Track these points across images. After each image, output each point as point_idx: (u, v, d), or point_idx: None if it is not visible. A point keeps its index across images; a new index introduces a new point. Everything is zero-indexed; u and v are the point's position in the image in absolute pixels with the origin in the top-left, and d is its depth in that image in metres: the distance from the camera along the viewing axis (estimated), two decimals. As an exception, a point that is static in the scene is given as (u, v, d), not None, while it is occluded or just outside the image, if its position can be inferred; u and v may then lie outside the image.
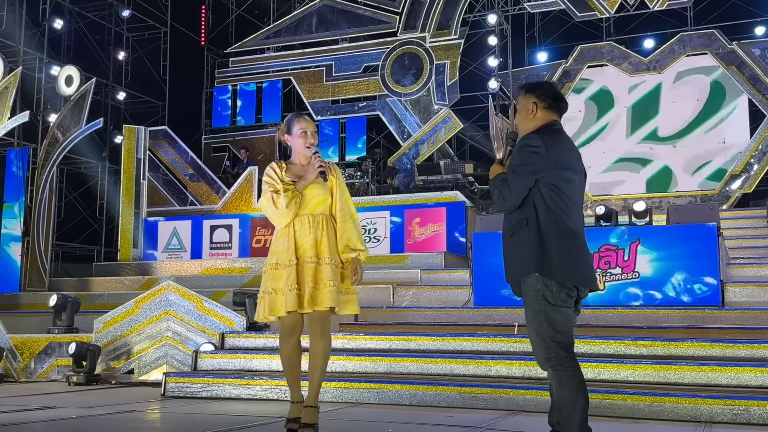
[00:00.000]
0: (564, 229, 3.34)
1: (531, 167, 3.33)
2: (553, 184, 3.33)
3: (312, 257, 3.99)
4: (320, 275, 3.97)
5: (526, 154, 3.35)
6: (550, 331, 3.29)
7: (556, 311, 3.29)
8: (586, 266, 3.42)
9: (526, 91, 3.54)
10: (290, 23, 16.72)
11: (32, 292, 11.49)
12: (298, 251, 4.00)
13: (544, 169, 3.32)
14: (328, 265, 3.98)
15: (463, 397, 5.55)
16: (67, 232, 15.29)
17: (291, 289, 3.92)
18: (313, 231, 4.02)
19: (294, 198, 4.05)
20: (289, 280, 3.94)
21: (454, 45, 15.24)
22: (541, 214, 3.33)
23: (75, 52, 15.43)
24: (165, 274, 11.28)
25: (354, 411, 5.38)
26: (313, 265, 3.98)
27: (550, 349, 3.29)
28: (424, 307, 8.44)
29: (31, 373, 7.94)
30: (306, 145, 4.17)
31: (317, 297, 3.94)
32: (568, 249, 3.32)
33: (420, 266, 9.82)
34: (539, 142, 3.35)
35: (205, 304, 7.58)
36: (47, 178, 12.41)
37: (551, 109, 3.47)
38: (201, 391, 6.25)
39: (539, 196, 3.34)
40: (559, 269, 3.30)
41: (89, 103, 12.85)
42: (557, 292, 3.27)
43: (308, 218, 4.06)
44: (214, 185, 13.44)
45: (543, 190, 3.33)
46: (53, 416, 5.18)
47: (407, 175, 14.78)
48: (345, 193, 4.21)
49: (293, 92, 16.77)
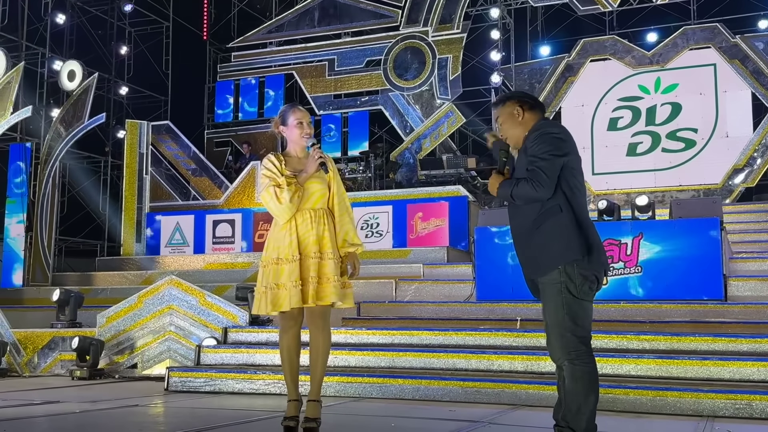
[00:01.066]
0: (588, 215, 3.33)
1: (559, 151, 3.27)
2: (573, 168, 3.31)
3: (315, 252, 3.97)
4: (324, 270, 3.96)
5: (550, 139, 3.29)
6: (572, 325, 3.22)
7: (579, 304, 3.23)
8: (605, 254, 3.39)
9: (504, 101, 3.53)
10: (292, 17, 16.70)
11: (36, 286, 11.52)
12: (301, 246, 3.98)
13: (569, 153, 3.29)
14: (331, 260, 3.98)
15: (466, 391, 5.55)
16: (70, 227, 15.32)
17: (295, 285, 3.91)
18: (315, 226, 4.01)
19: (297, 192, 4.01)
20: (292, 275, 3.92)
21: (457, 39, 15.20)
22: (572, 199, 3.28)
23: (77, 47, 15.44)
24: (168, 268, 11.30)
25: (357, 405, 5.39)
26: (316, 261, 3.97)
27: (570, 343, 3.22)
28: (426, 301, 8.44)
29: (34, 367, 7.97)
30: (303, 136, 4.13)
31: (321, 292, 3.94)
32: (597, 235, 3.31)
33: (422, 261, 9.82)
34: (558, 128, 3.35)
35: (208, 298, 7.59)
36: (50, 173, 12.42)
37: (536, 109, 3.46)
38: (204, 385, 6.27)
39: (565, 182, 3.28)
40: (597, 255, 3.25)
41: (92, 98, 12.85)
42: (581, 284, 3.21)
43: (310, 213, 4.03)
44: (217, 180, 13.46)
45: (568, 176, 3.28)
46: (57, 411, 5.20)
47: (410, 170, 14.77)
48: (341, 186, 4.20)
49: (296, 87, 16.75)
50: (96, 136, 14.66)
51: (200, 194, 13.37)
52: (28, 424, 4.71)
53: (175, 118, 15.54)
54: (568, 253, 3.22)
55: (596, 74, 14.64)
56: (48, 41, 14.56)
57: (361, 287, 8.80)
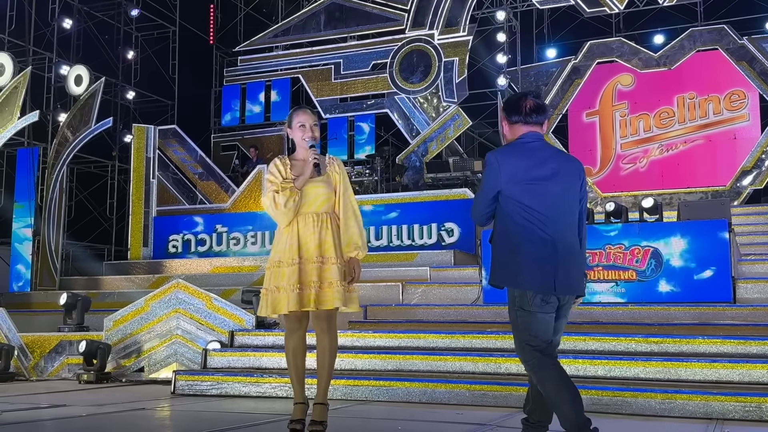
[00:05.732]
0: (524, 238, 3.38)
1: (483, 184, 3.49)
2: (512, 197, 3.40)
3: (317, 257, 3.96)
4: (326, 274, 3.94)
5: (485, 170, 3.51)
6: (525, 335, 3.39)
7: (531, 316, 3.37)
8: (552, 272, 3.37)
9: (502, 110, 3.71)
10: (298, 21, 16.72)
11: (43, 290, 11.54)
12: (302, 250, 3.97)
13: (498, 183, 3.41)
14: (334, 264, 3.96)
15: (473, 394, 5.53)
16: (78, 231, 15.36)
17: (293, 288, 3.91)
18: (317, 230, 3.99)
19: (292, 196, 3.99)
20: (291, 279, 3.93)
21: (463, 42, 15.20)
22: (503, 226, 3.44)
23: (84, 52, 15.48)
24: (175, 272, 11.30)
25: (363, 408, 5.38)
26: (317, 265, 3.95)
27: (526, 352, 3.40)
28: (433, 304, 8.42)
29: (41, 371, 7.98)
30: (304, 138, 4.10)
31: (323, 296, 3.92)
32: (527, 257, 3.37)
33: (429, 264, 9.80)
34: (493, 158, 3.48)
35: (215, 302, 7.59)
36: (57, 177, 12.45)
37: (519, 124, 3.52)
38: (211, 388, 6.26)
39: (501, 209, 3.44)
40: (514, 277, 3.40)
41: (99, 103, 12.89)
42: (532, 297, 3.36)
43: (312, 217, 4.02)
44: (224, 184, 13.46)
45: (503, 203, 3.43)
46: (64, 414, 5.20)
47: (416, 173, 14.75)
48: (348, 189, 4.15)
49: (302, 90, 16.77)
50: (103, 141, 14.70)
51: (207, 198, 13.37)
52: (35, 428, 4.71)
53: (182, 122, 15.56)
54: (494, 277, 3.51)
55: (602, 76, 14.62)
56: (55, 46, 14.61)
57: (367, 290, 8.79)
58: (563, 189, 3.44)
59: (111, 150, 15.90)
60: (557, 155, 3.51)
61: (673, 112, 14.14)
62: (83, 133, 12.79)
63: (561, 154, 3.55)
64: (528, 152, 3.44)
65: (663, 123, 14.22)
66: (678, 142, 14.12)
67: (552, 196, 3.40)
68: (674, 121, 14.13)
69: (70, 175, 14.06)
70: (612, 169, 14.42)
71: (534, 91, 4.30)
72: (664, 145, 14.18)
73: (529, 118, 3.50)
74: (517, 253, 3.38)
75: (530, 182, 3.39)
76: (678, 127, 14.13)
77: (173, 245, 12.68)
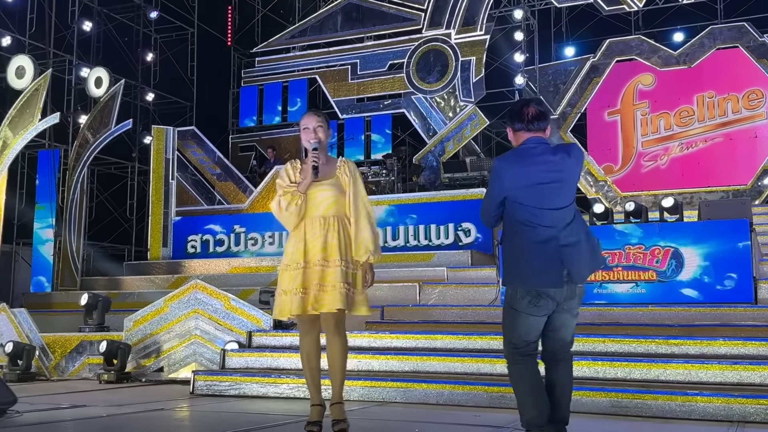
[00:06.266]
0: (529, 239, 3.54)
1: (489, 190, 3.73)
2: (517, 201, 3.57)
3: (320, 260, 3.96)
4: (327, 278, 3.93)
5: (490, 176, 3.74)
6: (509, 332, 3.62)
7: (518, 316, 3.56)
8: (558, 271, 3.50)
9: None
10: (315, 22, 16.75)
11: (64, 291, 11.65)
12: (307, 254, 3.98)
13: (503, 189, 3.60)
14: (338, 267, 3.94)
15: (491, 396, 5.50)
16: (98, 231, 15.50)
17: (296, 292, 3.93)
18: (323, 234, 3.98)
19: (294, 199, 4.00)
20: (295, 282, 3.95)
21: (480, 41, 15.15)
22: (509, 228, 3.63)
23: (104, 54, 15.62)
24: (194, 272, 11.37)
25: (381, 410, 5.38)
26: (320, 268, 3.95)
27: (506, 348, 3.64)
28: (450, 305, 8.40)
29: (62, 371, 8.05)
30: (307, 140, 4.10)
31: (321, 299, 3.92)
32: (531, 258, 3.52)
33: (446, 264, 9.77)
34: (498, 164, 3.67)
35: (233, 302, 7.63)
36: (78, 178, 12.57)
37: (522, 131, 3.67)
38: (229, 389, 6.29)
39: (507, 212, 3.64)
40: (519, 276, 3.56)
41: (119, 105, 13.00)
42: (520, 298, 3.54)
43: (319, 221, 4.01)
44: (242, 185, 13.52)
45: (509, 207, 3.62)
46: (84, 415, 5.25)
47: (433, 173, 14.72)
48: (359, 191, 4.11)
49: (319, 91, 16.81)
50: (123, 142, 14.82)
51: (225, 199, 13.44)
52: (56, 429, 4.76)
53: (200, 124, 15.65)
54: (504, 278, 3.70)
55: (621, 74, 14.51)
56: (75, 48, 14.74)
57: (384, 291, 8.78)
58: (566, 187, 3.62)
59: (131, 151, 16.02)
60: (559, 154, 3.62)
61: (692, 111, 14.01)
62: (103, 134, 12.89)
63: (562, 151, 3.64)
64: (531, 157, 3.60)
65: (683, 122, 14.09)
66: (698, 140, 13.99)
67: (554, 197, 3.57)
68: (694, 119, 14.00)
69: (91, 177, 14.18)
70: (632, 168, 14.32)
71: (535, 98, 4.47)
72: (684, 143, 14.05)
73: (531, 125, 3.66)
74: (522, 253, 3.55)
75: (533, 185, 3.55)
76: (698, 125, 14.01)
77: (192, 245, 12.75)
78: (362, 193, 4.13)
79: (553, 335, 3.61)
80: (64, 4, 14.85)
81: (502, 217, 3.68)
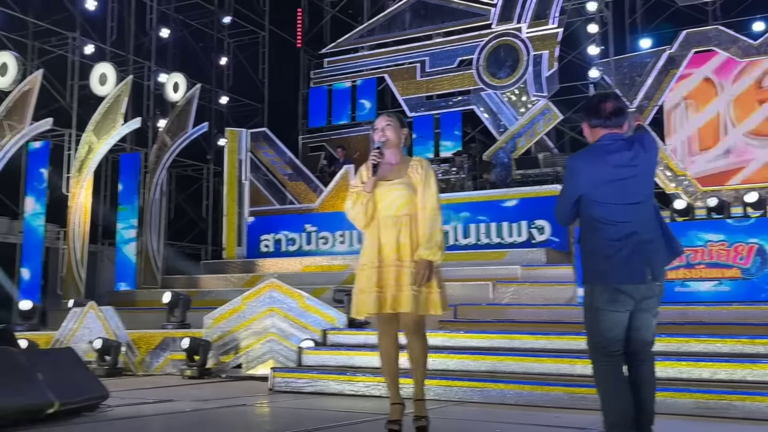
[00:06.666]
0: (606, 237, 3.48)
1: (564, 188, 3.68)
2: (592, 198, 3.53)
3: (394, 260, 3.98)
4: (402, 278, 3.95)
5: (565, 175, 3.72)
6: (590, 330, 3.57)
7: (597, 313, 3.50)
8: (636, 267, 3.46)
9: None
10: (383, 21, 16.80)
11: (146, 289, 12.07)
12: (381, 254, 4.02)
13: (579, 188, 3.56)
14: (408, 268, 3.96)
15: (572, 397, 5.42)
16: (177, 232, 15.97)
17: (371, 291, 3.97)
18: (395, 234, 4.01)
19: (359, 199, 4.07)
20: (370, 281, 3.99)
21: (552, 35, 14.91)
22: (586, 226, 3.58)
23: (181, 60, 16.08)
24: (268, 271, 11.59)
25: (458, 410, 5.37)
26: (395, 268, 3.97)
27: (589, 347, 3.58)
28: (525, 304, 8.31)
29: (147, 366, 8.35)
30: (376, 139, 4.16)
31: (399, 299, 3.94)
32: (608, 255, 3.47)
33: (520, 262, 9.67)
34: (572, 162, 3.65)
35: (307, 301, 7.75)
36: (157, 181, 13.01)
37: (599, 127, 3.61)
38: (306, 386, 6.40)
39: (583, 210, 3.58)
40: (597, 274, 3.51)
41: (195, 108, 13.38)
42: (599, 295, 3.48)
43: (391, 220, 4.04)
44: (312, 184, 13.71)
45: (585, 205, 3.56)
46: (171, 409, 5.43)
47: (504, 170, 14.56)
48: (429, 189, 4.07)
49: (387, 90, 16.86)
50: (198, 145, 15.22)
51: (296, 198, 13.65)
52: (146, 423, 4.94)
53: (272, 125, 15.95)
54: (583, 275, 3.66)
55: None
56: (153, 55, 15.23)
57: (456, 289, 8.74)
58: (643, 181, 3.56)
59: (206, 153, 16.45)
60: (634, 148, 3.54)
61: (775, 102, 13.42)
62: (181, 137, 13.30)
63: (637, 144, 3.56)
64: (606, 155, 3.54)
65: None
66: (782, 131, 13.40)
67: (632, 192, 3.51)
68: (777, 111, 13.41)
69: (168, 179, 14.62)
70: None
71: (613, 93, 4.39)
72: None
73: (608, 122, 3.59)
74: (601, 250, 3.50)
75: (610, 182, 3.50)
76: (781, 116, 13.41)
77: (265, 245, 13.02)
78: (431, 191, 4.08)
79: (633, 335, 3.55)
80: (142, 13, 15.37)
81: (578, 215, 3.63)
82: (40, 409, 4.44)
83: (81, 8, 13.77)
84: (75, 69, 13.84)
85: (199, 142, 15.01)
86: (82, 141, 12.29)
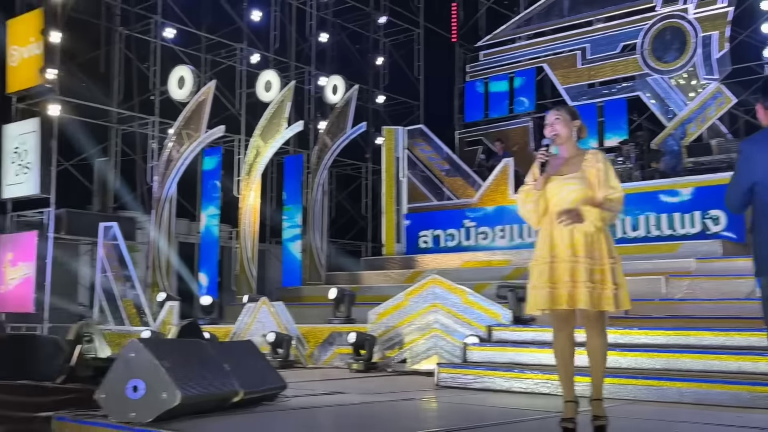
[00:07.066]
0: None
1: (736, 174, 3.46)
2: (765, 185, 3.33)
3: (569, 255, 3.88)
4: (577, 274, 3.85)
5: (737, 159, 3.47)
6: None
7: None
8: None
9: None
10: (541, 9, 16.40)
11: (311, 285, 12.58)
12: (554, 249, 3.93)
13: (753, 174, 3.35)
14: (583, 264, 3.85)
15: (754, 396, 5.06)
16: (338, 229, 16.52)
17: (543, 287, 3.89)
18: (569, 228, 3.90)
19: (528, 195, 4.03)
20: (542, 277, 3.91)
21: (722, 14, 13.90)
22: (759, 216, 3.39)
23: (339, 62, 16.60)
24: (427, 267, 11.67)
25: (632, 408, 5.16)
26: (569, 264, 3.87)
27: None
28: (701, 299, 7.83)
29: (316, 359, 8.70)
30: (547, 135, 4.09)
31: (575, 296, 3.83)
32: None
33: (693, 255, 9.10)
34: (745, 146, 3.45)
35: (470, 297, 7.73)
36: (319, 180, 13.51)
37: None
38: (473, 382, 6.38)
39: (757, 198, 3.38)
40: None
41: (353, 109, 13.76)
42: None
43: None
44: (470, 179, 13.63)
45: (761, 193, 3.35)
46: (341, 401, 5.62)
47: (674, 158, 13.75)
48: (609, 180, 4.00)
49: (546, 79, 16.46)
50: (357, 144, 15.64)
51: (454, 194, 13.64)
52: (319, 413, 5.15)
53: (428, 121, 16.06)
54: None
55: None
56: (313, 59, 15.85)
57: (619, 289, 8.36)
58: None
59: (364, 152, 16.88)
60: None
61: None
62: (340, 138, 13.74)
63: None
64: None
65: None
66: None
67: None
68: None
69: (330, 178, 15.15)
70: None
71: None
72: None
73: None
74: (763, 244, 3.32)
75: None
76: None
77: (423, 241, 13.12)
78: (612, 182, 4.02)
79: None
80: (302, 20, 16.03)
81: (750, 203, 3.41)
82: (227, 398, 4.72)
83: (247, 20, 14.58)
84: (243, 78, 14.70)
85: (358, 142, 15.43)
86: (250, 145, 13.01)
